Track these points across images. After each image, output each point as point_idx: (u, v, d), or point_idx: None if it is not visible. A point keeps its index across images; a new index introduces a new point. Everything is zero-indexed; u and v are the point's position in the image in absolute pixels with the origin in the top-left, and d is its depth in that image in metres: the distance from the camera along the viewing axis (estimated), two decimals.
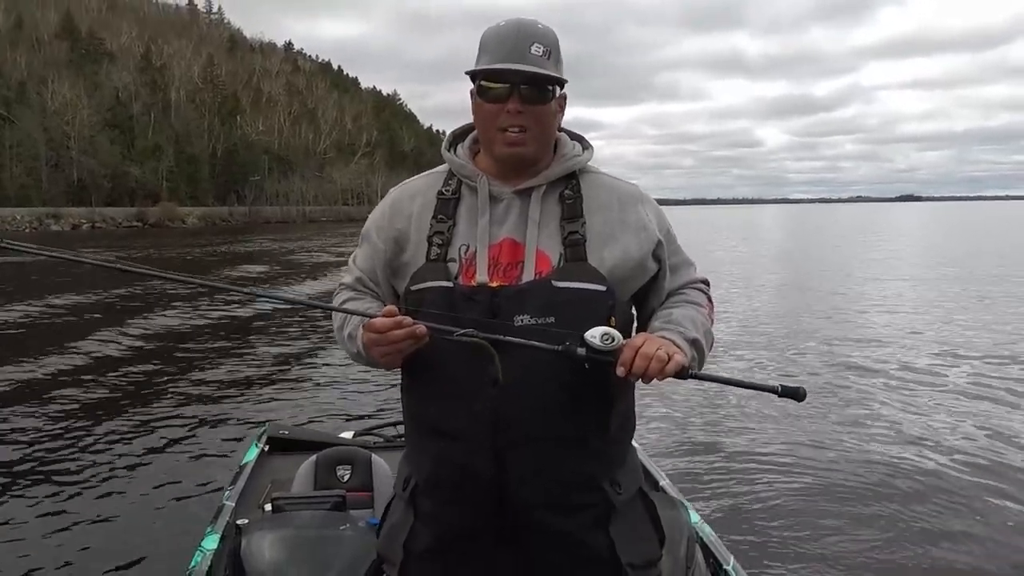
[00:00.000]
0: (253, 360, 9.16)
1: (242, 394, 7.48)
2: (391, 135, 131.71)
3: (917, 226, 64.58)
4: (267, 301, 1.61)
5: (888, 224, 69.85)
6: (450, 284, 1.45)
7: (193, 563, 2.54)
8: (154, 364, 8.89)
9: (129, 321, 12.24)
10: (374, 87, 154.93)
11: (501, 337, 1.36)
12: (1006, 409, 6.79)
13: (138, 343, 10.30)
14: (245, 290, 1.64)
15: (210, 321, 12.23)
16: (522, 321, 1.41)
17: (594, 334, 1.35)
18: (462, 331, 1.37)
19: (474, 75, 1.50)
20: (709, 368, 1.52)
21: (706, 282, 1.66)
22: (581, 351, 1.35)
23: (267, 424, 3.96)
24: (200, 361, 9.08)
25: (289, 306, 13.00)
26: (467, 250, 1.48)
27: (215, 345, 10.16)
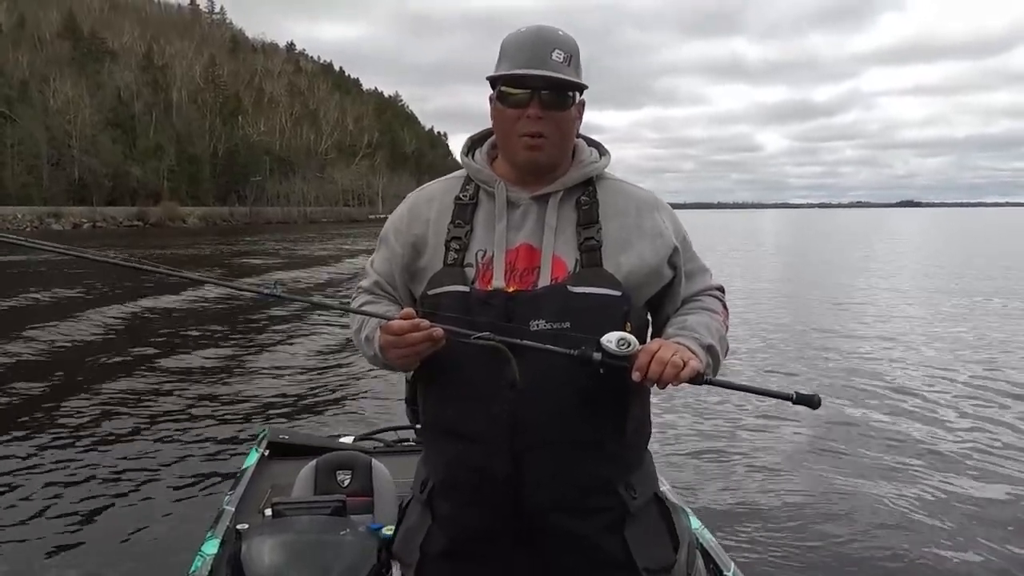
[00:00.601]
0: (253, 364, 9.14)
1: (242, 398, 7.46)
2: (392, 136, 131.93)
3: (918, 232, 64.56)
4: (287, 300, 1.61)
5: (890, 230, 69.82)
6: (467, 289, 1.47)
7: (193, 568, 2.54)
8: (153, 367, 8.86)
9: (127, 323, 12.24)
10: (376, 88, 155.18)
11: (518, 341, 1.37)
12: (1017, 416, 6.77)
13: (137, 345, 10.27)
14: (266, 291, 1.62)
15: (209, 324, 12.20)
16: (538, 326, 1.42)
17: (610, 339, 1.35)
18: (479, 334, 1.37)
19: (494, 80, 1.50)
20: (722, 374, 1.53)
21: (721, 289, 1.67)
22: (597, 356, 1.36)
23: (267, 429, 3.95)
24: (200, 365, 9.05)
25: (307, 306, 12.99)
26: (484, 255, 1.49)
27: (215, 349, 10.13)
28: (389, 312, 1.54)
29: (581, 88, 1.50)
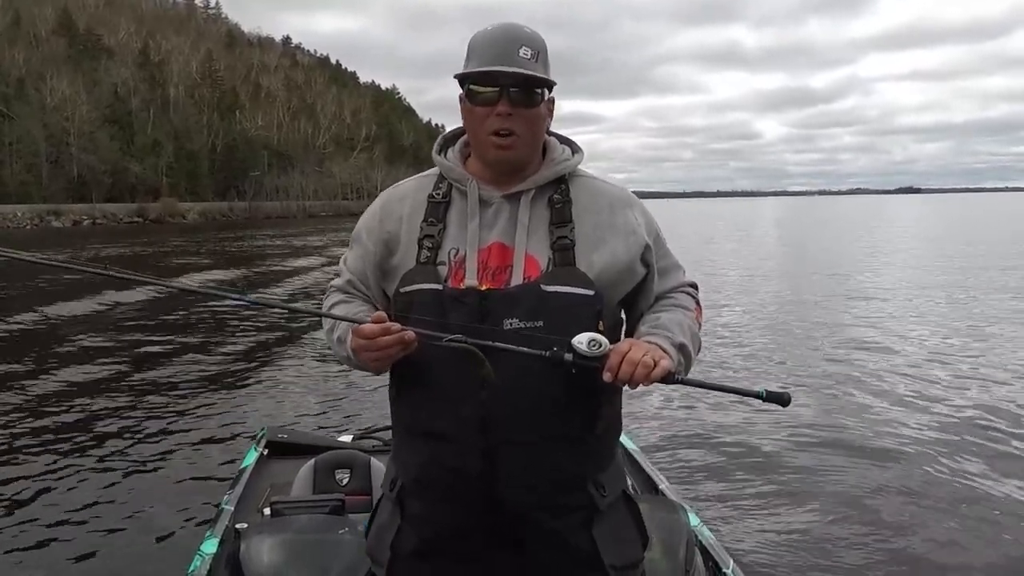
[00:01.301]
0: (251, 364, 9.11)
1: (240, 398, 7.43)
2: (390, 129, 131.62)
3: (919, 219, 64.44)
4: (256, 306, 1.59)
5: (889, 217, 69.69)
6: (439, 287, 1.46)
7: (192, 567, 2.55)
8: (150, 369, 8.82)
9: (124, 325, 12.16)
10: (373, 81, 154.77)
11: (490, 343, 1.38)
12: (1004, 407, 6.75)
13: (134, 348, 10.21)
14: (234, 296, 1.60)
15: (207, 325, 12.13)
16: (511, 325, 1.42)
17: (581, 340, 1.35)
18: (451, 337, 1.37)
19: (463, 79, 1.50)
20: (697, 371, 1.55)
21: (694, 286, 1.66)
22: (568, 357, 1.36)
23: (266, 428, 3.95)
24: (198, 365, 9.01)
25: (279, 311, 12.94)
26: (456, 254, 1.49)
27: (213, 349, 10.07)
28: (361, 312, 1.54)
29: (550, 85, 1.50)
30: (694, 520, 2.73)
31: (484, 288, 1.45)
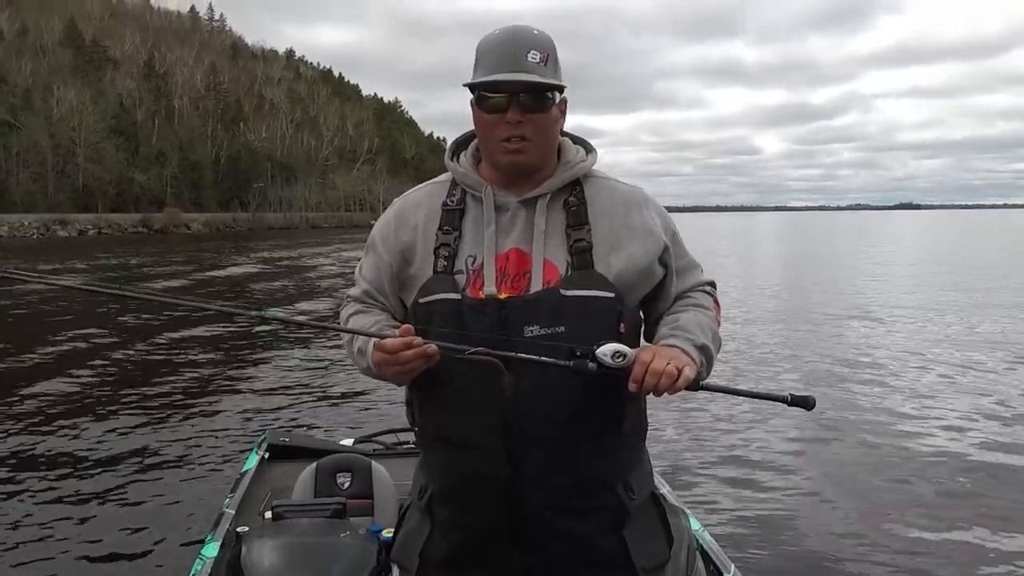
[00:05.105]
0: (253, 368, 9.13)
1: (242, 402, 7.45)
2: (392, 142, 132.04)
3: (921, 235, 64.42)
4: (277, 321, 1.57)
5: (888, 233, 69.71)
6: (458, 296, 1.46)
7: (193, 571, 2.55)
8: (154, 373, 8.86)
9: (128, 331, 12.21)
10: (375, 94, 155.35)
11: (513, 354, 1.37)
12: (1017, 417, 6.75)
13: (138, 353, 10.26)
14: (252, 312, 1.58)
15: (210, 329, 12.18)
16: (532, 332, 1.42)
17: (605, 352, 1.35)
18: (473, 349, 1.37)
19: (472, 86, 1.49)
20: (717, 374, 1.54)
21: (712, 284, 1.65)
22: (592, 366, 1.36)
23: (267, 432, 3.95)
24: (200, 369, 9.05)
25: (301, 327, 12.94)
26: (474, 261, 1.48)
27: (215, 353, 10.12)
28: (380, 323, 1.54)
29: (560, 88, 1.47)
30: (695, 524, 2.73)
31: (504, 296, 1.44)
